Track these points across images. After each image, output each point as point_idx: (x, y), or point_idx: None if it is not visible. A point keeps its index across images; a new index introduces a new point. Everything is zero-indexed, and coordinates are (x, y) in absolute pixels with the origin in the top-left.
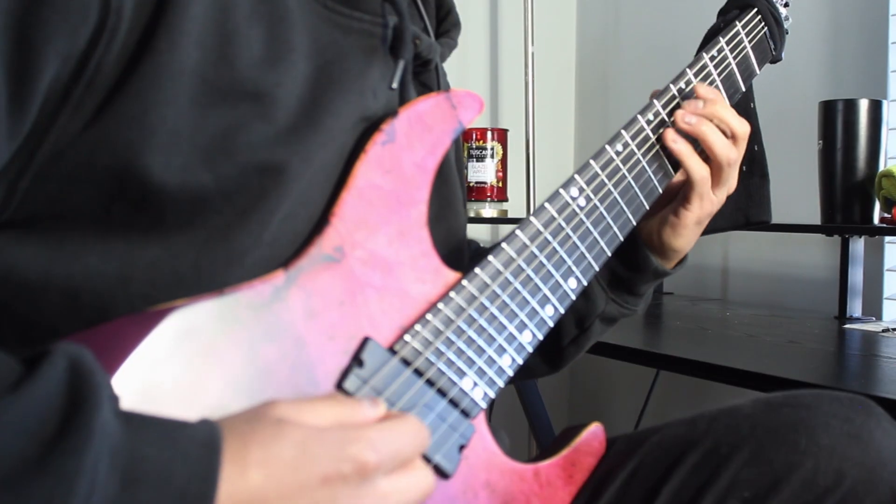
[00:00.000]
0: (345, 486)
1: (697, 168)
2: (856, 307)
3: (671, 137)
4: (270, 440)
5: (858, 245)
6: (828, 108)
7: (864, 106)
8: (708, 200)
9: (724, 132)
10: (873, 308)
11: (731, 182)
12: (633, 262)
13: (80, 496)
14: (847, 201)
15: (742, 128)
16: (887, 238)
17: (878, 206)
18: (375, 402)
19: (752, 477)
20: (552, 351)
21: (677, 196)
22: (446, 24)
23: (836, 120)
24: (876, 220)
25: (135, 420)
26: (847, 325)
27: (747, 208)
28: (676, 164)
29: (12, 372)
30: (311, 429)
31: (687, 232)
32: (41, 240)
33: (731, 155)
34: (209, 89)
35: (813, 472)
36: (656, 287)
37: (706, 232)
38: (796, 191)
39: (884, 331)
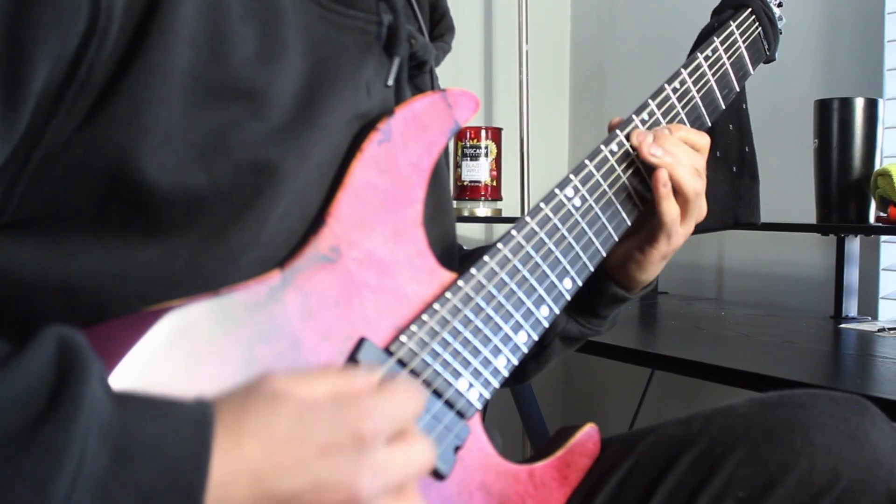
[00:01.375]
0: (342, 456)
1: (671, 210)
2: (851, 307)
3: (662, 181)
4: (266, 413)
5: (854, 244)
6: (823, 107)
7: (859, 104)
8: (676, 237)
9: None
10: (869, 308)
11: (698, 213)
12: (593, 288)
13: (70, 468)
14: (843, 200)
15: (703, 141)
16: (883, 237)
17: (873, 205)
18: (371, 368)
19: (748, 477)
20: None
21: (644, 231)
22: (440, 28)
23: (831, 118)
24: (872, 220)
25: (125, 397)
26: (843, 325)
27: (736, 209)
28: None
29: (0, 350)
30: (307, 400)
31: (652, 267)
32: (37, 240)
33: (698, 186)
34: (202, 88)
35: (808, 472)
36: (653, 287)
37: (695, 232)
38: (792, 190)
39: (879, 330)
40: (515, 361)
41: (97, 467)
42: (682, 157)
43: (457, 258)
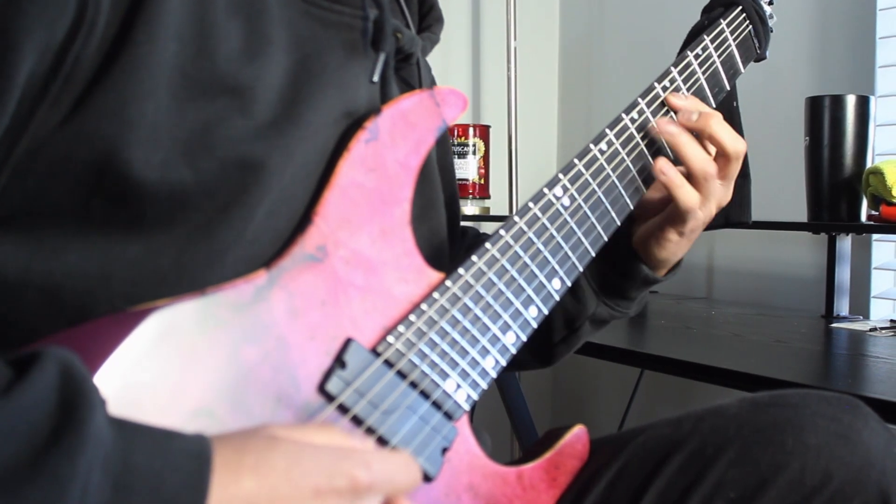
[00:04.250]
0: (337, 500)
1: (687, 199)
2: (843, 306)
3: (660, 168)
4: (264, 450)
5: (846, 243)
6: (814, 104)
7: (851, 102)
8: (693, 219)
9: (708, 147)
10: (861, 307)
11: (717, 196)
12: (623, 269)
13: (73, 500)
14: (834, 199)
15: (734, 146)
16: (875, 236)
17: (865, 203)
18: (364, 439)
19: (739, 477)
20: (543, 348)
21: (664, 210)
22: (429, 20)
23: (822, 116)
24: (863, 218)
25: (127, 427)
26: (834, 324)
27: (728, 209)
28: None
29: (2, 376)
30: (306, 443)
31: (671, 245)
32: (20, 237)
33: (709, 168)
34: (188, 83)
35: (800, 472)
36: (678, 270)
37: None
38: (783, 188)
39: (871, 330)
40: (504, 362)
41: (99, 500)
42: (695, 144)
43: (447, 256)
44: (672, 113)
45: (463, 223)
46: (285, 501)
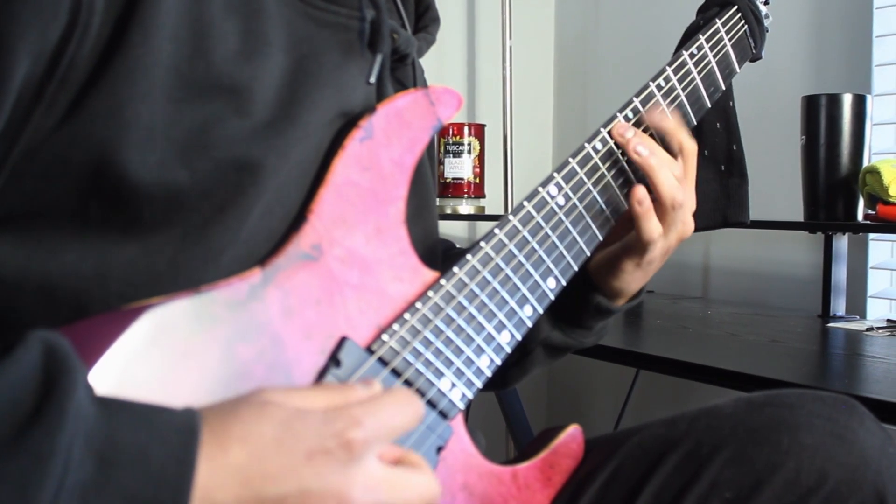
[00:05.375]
0: (331, 463)
1: (651, 230)
2: (839, 305)
3: (638, 198)
4: (252, 418)
5: (842, 242)
6: (811, 103)
7: (847, 101)
8: (653, 249)
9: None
10: (857, 306)
11: (679, 228)
12: (577, 296)
13: (54, 477)
14: (830, 198)
15: (689, 145)
16: (871, 235)
17: (861, 202)
18: (369, 383)
19: (734, 477)
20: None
21: (621, 238)
22: (425, 20)
23: (819, 115)
24: (860, 217)
25: (111, 404)
26: (830, 324)
27: (725, 208)
28: None
29: None
30: (296, 408)
31: (625, 276)
32: (17, 238)
33: (678, 196)
34: (184, 83)
35: (796, 472)
36: (638, 301)
37: None
38: (779, 187)
39: (868, 329)
40: (499, 361)
41: (82, 475)
42: (666, 159)
43: (440, 256)
44: (667, 114)
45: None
46: (277, 469)
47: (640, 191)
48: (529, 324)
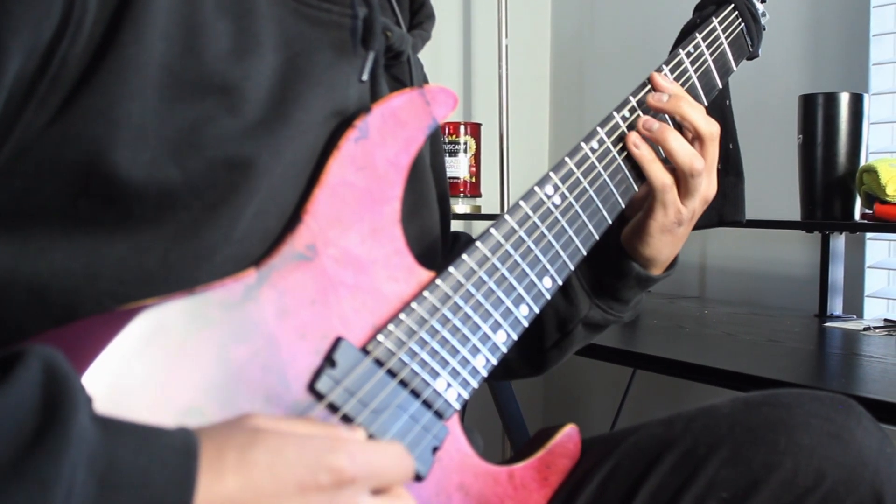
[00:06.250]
0: (321, 495)
1: (658, 175)
2: (836, 305)
3: (633, 142)
4: (247, 446)
5: (839, 242)
6: (808, 102)
7: (844, 99)
8: (673, 209)
9: (688, 136)
10: (854, 306)
11: (702, 191)
12: (615, 267)
13: (58, 501)
14: (827, 197)
15: (708, 128)
16: (868, 234)
17: (859, 201)
18: (353, 429)
19: (731, 477)
20: (534, 354)
21: (645, 202)
22: (420, 17)
23: (816, 114)
24: (857, 217)
25: (112, 425)
26: (827, 324)
27: (721, 207)
28: None
29: None
30: (289, 436)
31: (653, 241)
32: (7, 237)
33: (696, 164)
34: (176, 82)
35: (793, 472)
36: (672, 271)
37: None
38: (776, 186)
39: (865, 329)
40: (494, 361)
41: (85, 499)
42: (679, 137)
43: (440, 254)
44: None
45: (455, 226)
46: (269, 499)
47: (633, 135)
48: (525, 323)
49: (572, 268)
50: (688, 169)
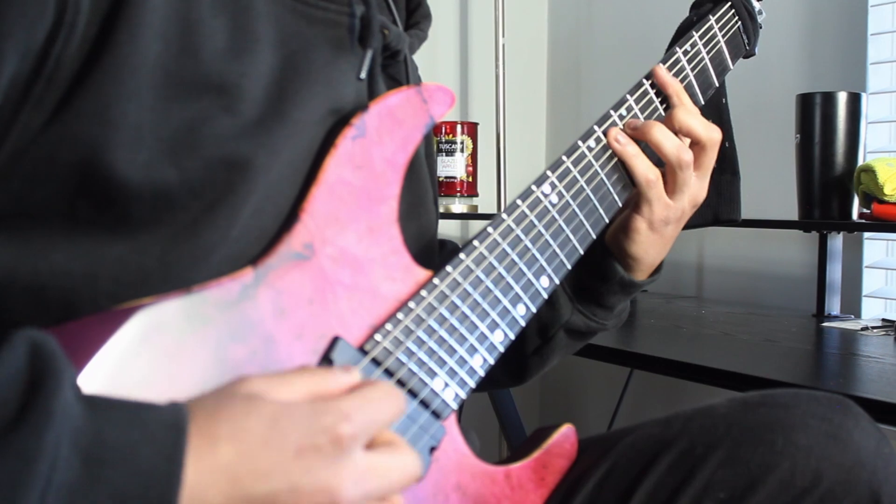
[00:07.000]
0: (320, 458)
1: (642, 170)
2: (834, 305)
3: (614, 137)
4: (240, 415)
5: (837, 241)
6: (805, 101)
7: (842, 99)
8: (660, 205)
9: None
10: (852, 306)
11: (692, 189)
12: (599, 269)
13: (41, 477)
14: (825, 196)
15: (708, 134)
16: (866, 234)
17: (856, 201)
18: (348, 369)
19: (728, 478)
20: (515, 361)
21: (631, 199)
22: (416, 16)
23: (813, 113)
24: (855, 216)
25: (99, 403)
26: (825, 324)
27: (717, 206)
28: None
29: None
30: (282, 402)
31: (641, 238)
32: (5, 238)
33: (683, 155)
34: (172, 82)
35: (790, 472)
36: (657, 277)
37: None
38: (773, 186)
39: (863, 329)
40: (492, 360)
41: (69, 474)
42: (664, 129)
43: (437, 254)
44: (660, 111)
45: (452, 226)
46: (266, 467)
47: (614, 131)
48: (523, 323)
49: (570, 267)
50: (675, 160)
